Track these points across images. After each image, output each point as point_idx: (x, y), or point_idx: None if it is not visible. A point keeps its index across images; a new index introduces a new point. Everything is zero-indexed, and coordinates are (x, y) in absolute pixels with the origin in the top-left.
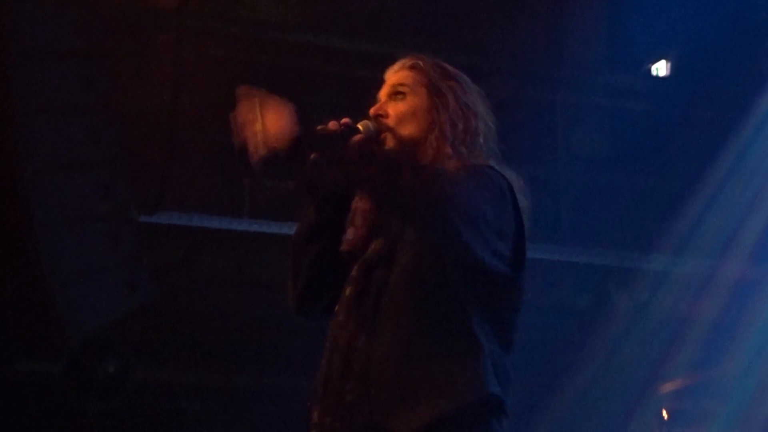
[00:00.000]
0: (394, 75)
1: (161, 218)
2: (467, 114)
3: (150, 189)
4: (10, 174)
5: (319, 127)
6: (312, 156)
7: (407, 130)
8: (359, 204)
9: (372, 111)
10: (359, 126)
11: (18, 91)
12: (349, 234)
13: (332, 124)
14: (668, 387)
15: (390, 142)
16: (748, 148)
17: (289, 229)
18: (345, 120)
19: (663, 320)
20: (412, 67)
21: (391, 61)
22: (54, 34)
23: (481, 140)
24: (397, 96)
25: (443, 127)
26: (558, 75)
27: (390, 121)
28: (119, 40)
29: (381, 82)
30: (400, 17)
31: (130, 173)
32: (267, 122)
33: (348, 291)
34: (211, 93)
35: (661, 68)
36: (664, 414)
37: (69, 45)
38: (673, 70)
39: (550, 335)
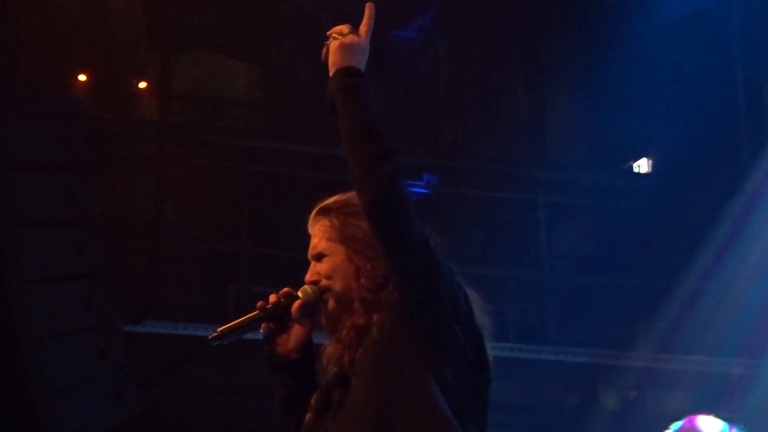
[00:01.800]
0: (312, 231)
1: (147, 327)
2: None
3: (135, 299)
4: None
5: (259, 304)
6: (262, 329)
7: (338, 286)
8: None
9: (306, 278)
10: (299, 293)
11: (2, 206)
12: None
13: (272, 297)
14: None
15: (331, 303)
16: (731, 243)
17: None
18: (285, 290)
19: (651, 417)
20: (321, 222)
21: None
22: (38, 148)
23: None
24: (319, 257)
25: (360, 272)
26: (540, 176)
27: (324, 282)
28: (102, 152)
29: None
30: (385, 124)
31: (114, 284)
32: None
33: (307, 418)
34: (194, 201)
35: (642, 165)
36: None
37: (53, 158)
38: (655, 167)
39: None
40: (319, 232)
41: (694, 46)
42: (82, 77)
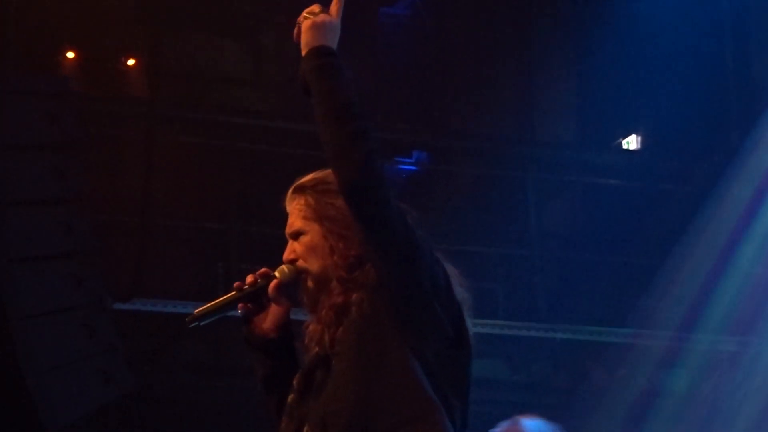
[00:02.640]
0: (289, 209)
1: (136, 305)
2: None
3: (125, 277)
4: None
5: (236, 284)
6: (239, 309)
7: (314, 265)
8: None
9: (284, 257)
10: (276, 273)
11: None
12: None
13: (249, 278)
14: None
15: (309, 283)
16: (722, 220)
17: None
18: (262, 270)
19: (638, 393)
20: (297, 200)
21: None
22: (26, 127)
23: None
24: (296, 236)
25: (336, 251)
26: (529, 154)
27: (300, 263)
28: (91, 131)
29: None
30: (375, 102)
31: (103, 262)
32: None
33: (290, 399)
34: (183, 180)
35: (631, 142)
36: None
37: (41, 137)
38: (644, 143)
39: (526, 412)
40: (295, 210)
41: (683, 24)
42: (70, 55)
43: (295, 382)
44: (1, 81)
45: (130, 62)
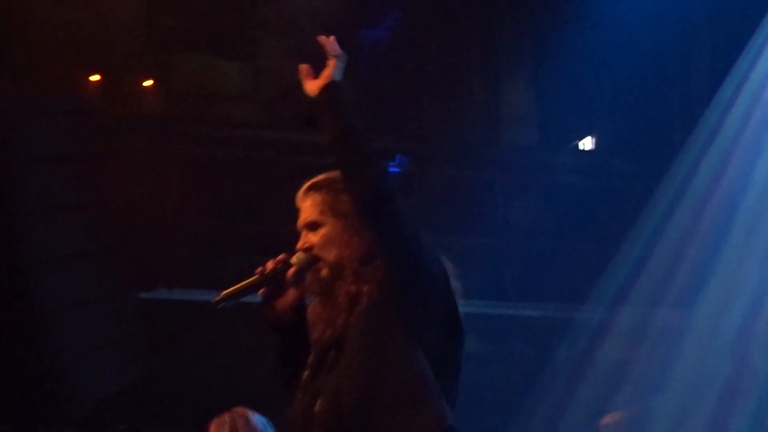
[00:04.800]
0: (303, 204)
1: (156, 295)
2: None
3: (147, 269)
4: (19, 266)
5: (258, 270)
6: (260, 293)
7: (330, 255)
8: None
9: (298, 246)
10: (293, 260)
11: (22, 193)
12: (317, 329)
13: (269, 264)
14: (607, 420)
15: (325, 271)
16: (668, 211)
17: None
18: (280, 257)
19: (599, 364)
20: (313, 196)
21: None
22: (52, 142)
23: None
24: (313, 227)
25: (352, 242)
26: (496, 156)
27: (316, 251)
28: (110, 144)
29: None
30: (355, 112)
31: (127, 258)
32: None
33: (304, 375)
34: (193, 185)
35: (587, 144)
36: None
37: (66, 151)
38: (598, 145)
39: (499, 382)
40: (310, 206)
41: (629, 36)
42: (93, 78)
43: (310, 360)
44: (31, 102)
45: (147, 83)
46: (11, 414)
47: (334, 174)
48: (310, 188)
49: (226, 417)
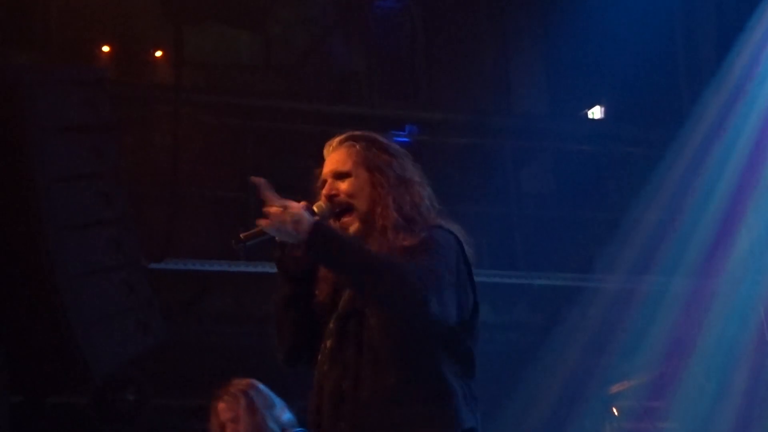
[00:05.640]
0: (334, 153)
1: (168, 265)
2: (408, 185)
3: (157, 240)
4: (36, 234)
5: (275, 211)
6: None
7: (363, 206)
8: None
9: (325, 192)
10: (314, 208)
11: (38, 162)
12: (321, 288)
13: (291, 206)
14: (617, 388)
15: (356, 224)
16: (674, 179)
17: None
18: (302, 203)
19: (608, 331)
20: (349, 147)
21: (361, 119)
22: (68, 112)
23: (427, 203)
24: (341, 176)
25: (387, 202)
26: (506, 125)
27: (342, 198)
28: (124, 114)
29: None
30: (368, 81)
31: (138, 228)
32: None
33: (328, 343)
34: (206, 155)
35: (596, 112)
36: (615, 411)
37: (81, 120)
38: (607, 113)
39: (509, 349)
40: (344, 155)
41: (639, 6)
42: (105, 48)
43: (332, 326)
44: (46, 72)
45: (158, 54)
46: (24, 383)
47: (372, 133)
48: (348, 139)
49: (234, 391)
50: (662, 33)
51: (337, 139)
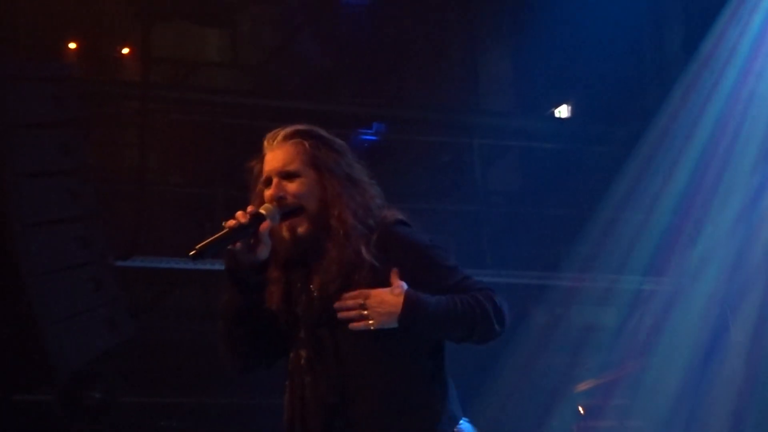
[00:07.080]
0: (279, 150)
1: (135, 262)
2: (357, 185)
3: (125, 237)
4: (2, 231)
5: (228, 223)
6: (230, 247)
7: (312, 207)
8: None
9: (272, 193)
10: (262, 211)
11: (5, 159)
12: (271, 291)
13: (239, 215)
14: (583, 386)
15: (305, 225)
16: (641, 177)
17: None
18: (250, 209)
19: (575, 330)
20: (296, 144)
21: (330, 116)
22: (35, 108)
23: (377, 201)
24: (289, 176)
25: (341, 201)
26: (474, 122)
27: (291, 200)
28: (92, 110)
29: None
30: (335, 78)
31: (106, 225)
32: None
33: (303, 353)
34: (174, 152)
35: (562, 111)
36: (580, 410)
37: (48, 116)
38: (573, 112)
39: (475, 348)
40: (291, 153)
41: (606, 6)
42: (72, 45)
43: (303, 335)
44: (11, 67)
45: (125, 51)
46: None
47: (318, 129)
48: (295, 135)
49: None
50: (629, 32)
51: (281, 134)
